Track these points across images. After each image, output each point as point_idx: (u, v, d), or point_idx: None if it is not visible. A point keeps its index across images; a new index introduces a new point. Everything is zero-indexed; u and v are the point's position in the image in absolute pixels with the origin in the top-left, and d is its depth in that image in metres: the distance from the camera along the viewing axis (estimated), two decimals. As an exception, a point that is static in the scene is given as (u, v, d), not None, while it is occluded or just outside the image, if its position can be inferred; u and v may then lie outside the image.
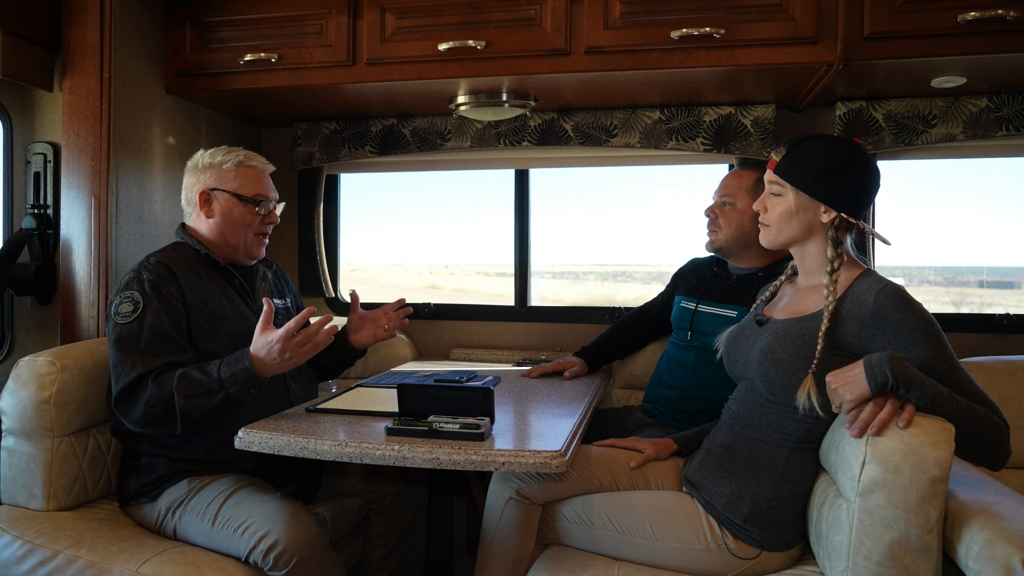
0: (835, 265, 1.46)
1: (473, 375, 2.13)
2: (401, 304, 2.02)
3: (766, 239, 1.57)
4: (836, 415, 1.42)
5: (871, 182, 1.48)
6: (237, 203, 1.82)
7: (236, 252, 1.85)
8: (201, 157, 1.86)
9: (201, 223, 1.84)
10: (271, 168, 1.93)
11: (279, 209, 1.92)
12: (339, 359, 2.03)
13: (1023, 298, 2.59)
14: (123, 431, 1.74)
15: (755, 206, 1.59)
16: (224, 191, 1.82)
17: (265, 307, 1.61)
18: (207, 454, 1.71)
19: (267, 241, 1.91)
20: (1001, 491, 1.41)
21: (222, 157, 1.84)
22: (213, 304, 1.75)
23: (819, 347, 1.40)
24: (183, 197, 1.89)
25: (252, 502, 1.61)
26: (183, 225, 1.89)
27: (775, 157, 1.53)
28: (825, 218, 1.47)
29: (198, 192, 1.83)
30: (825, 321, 1.41)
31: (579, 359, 2.28)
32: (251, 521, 1.56)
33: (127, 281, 1.71)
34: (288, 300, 2.02)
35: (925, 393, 1.27)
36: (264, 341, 1.58)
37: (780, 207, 1.51)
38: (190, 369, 1.61)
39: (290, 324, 1.57)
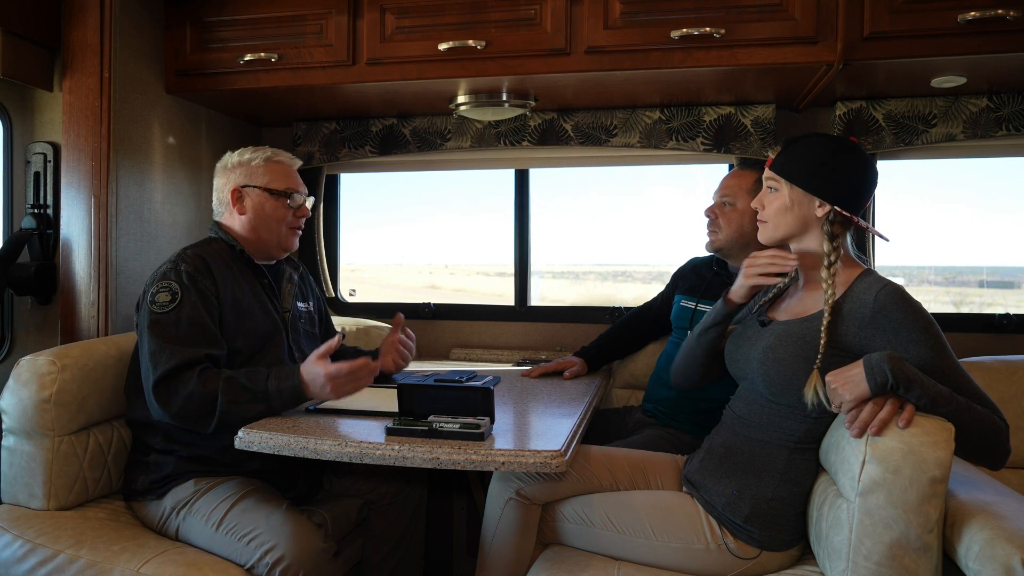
0: (832, 259, 1.46)
1: (473, 375, 2.13)
2: (400, 323, 2.05)
3: (764, 236, 1.58)
4: (836, 415, 1.42)
5: (865, 176, 1.49)
6: (268, 198, 1.85)
7: (270, 247, 1.88)
8: (229, 157, 1.90)
9: (234, 220, 1.86)
10: (299, 163, 1.96)
11: (309, 203, 1.95)
12: None
13: (1023, 298, 2.59)
14: (139, 421, 1.75)
15: (753, 204, 1.60)
16: (255, 187, 1.85)
17: (332, 341, 1.63)
18: (218, 453, 1.71)
19: (300, 233, 1.93)
20: (1001, 491, 1.42)
21: (250, 155, 1.88)
22: (243, 301, 1.77)
23: (822, 341, 1.40)
24: (215, 198, 1.91)
25: (259, 512, 1.61)
26: (216, 222, 1.90)
27: (771, 155, 1.55)
28: (820, 212, 1.48)
29: (229, 190, 1.85)
30: (826, 315, 1.41)
31: (579, 359, 2.28)
32: (257, 532, 1.56)
33: (164, 271, 1.71)
34: (311, 304, 2.03)
35: (925, 393, 1.27)
36: (315, 371, 1.60)
37: (776, 202, 1.53)
38: (237, 374, 1.61)
39: (340, 367, 1.59)
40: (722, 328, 1.67)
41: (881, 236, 1.54)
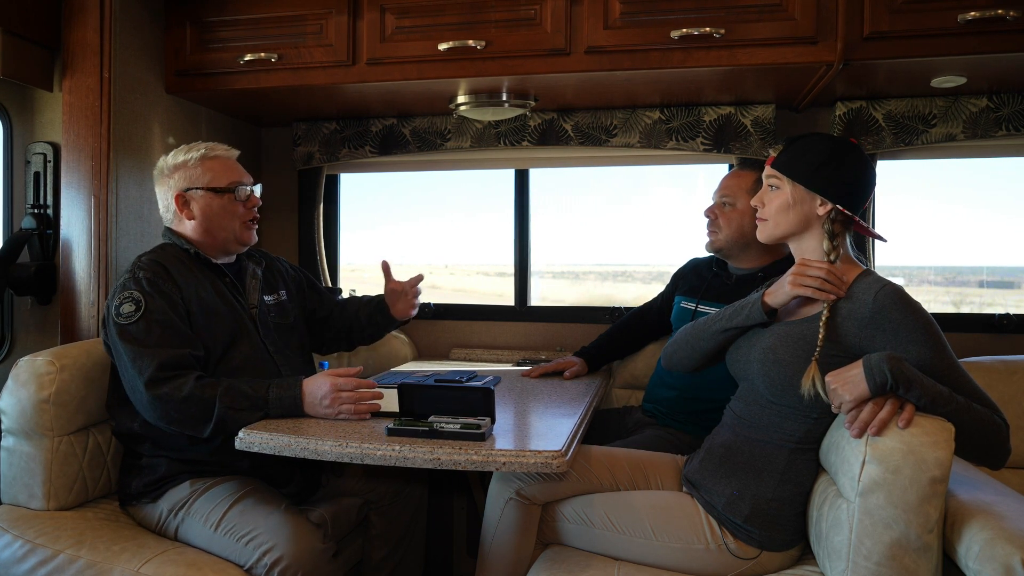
0: (831, 258, 1.46)
1: (473, 375, 2.13)
2: (419, 279, 2.11)
3: (763, 234, 1.58)
4: (836, 415, 1.42)
5: (866, 176, 1.50)
6: (214, 197, 1.80)
7: (228, 244, 1.84)
8: (164, 162, 1.84)
9: (184, 226, 1.82)
10: (236, 153, 1.89)
11: (258, 191, 1.89)
12: (381, 328, 2.14)
13: (1023, 298, 2.59)
14: (125, 432, 1.74)
15: (753, 202, 1.59)
16: (198, 188, 1.79)
17: (352, 370, 1.63)
18: (210, 455, 1.70)
19: (256, 225, 1.88)
20: (1001, 491, 1.42)
21: (184, 156, 1.81)
22: (208, 301, 1.74)
23: (820, 335, 1.41)
24: (160, 205, 1.86)
25: (257, 512, 1.61)
26: (168, 228, 1.85)
27: (773, 153, 1.55)
28: (821, 211, 1.48)
29: (173, 197, 1.80)
30: (824, 312, 1.41)
31: (579, 359, 2.28)
32: (256, 533, 1.56)
33: (123, 282, 1.68)
34: (282, 294, 1.98)
35: (924, 393, 1.27)
36: (319, 382, 1.60)
37: (777, 200, 1.52)
38: (239, 381, 1.61)
39: (349, 380, 1.60)
40: (747, 331, 1.60)
41: (879, 237, 1.54)
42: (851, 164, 1.47)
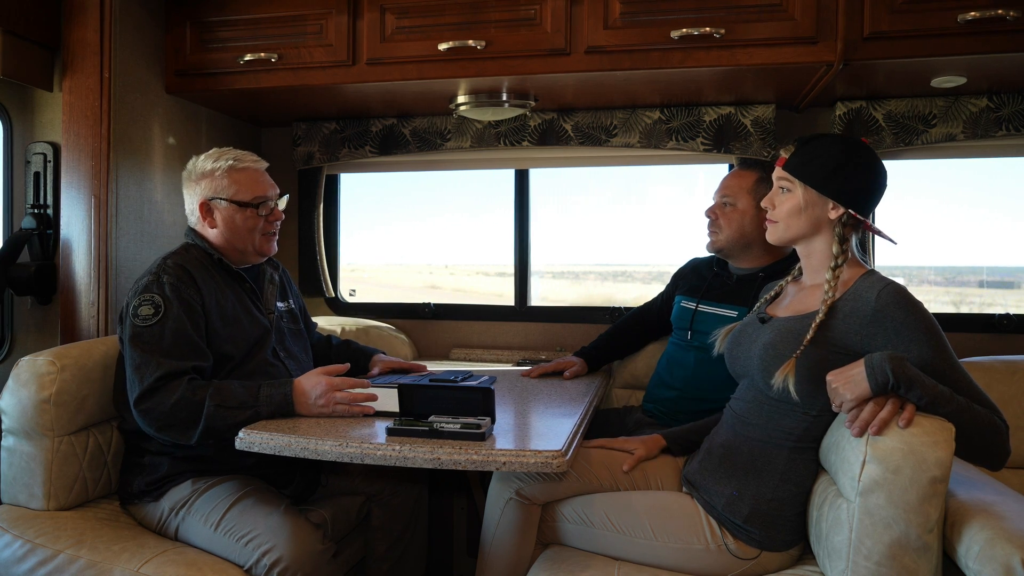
0: (839, 262, 1.46)
1: (469, 375, 2.13)
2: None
3: (774, 236, 1.57)
4: (835, 413, 1.42)
5: (879, 180, 1.49)
6: (237, 209, 1.80)
7: (247, 255, 1.86)
8: (193, 166, 1.84)
9: (207, 232, 1.83)
10: (264, 164, 1.90)
11: (282, 203, 1.91)
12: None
13: (1023, 298, 2.59)
14: (131, 429, 1.74)
15: (763, 203, 1.59)
16: (222, 199, 1.80)
17: (341, 367, 1.69)
18: (214, 452, 1.70)
19: (276, 237, 1.90)
20: (1001, 491, 1.42)
21: (212, 164, 1.81)
22: (227, 307, 1.75)
23: (808, 336, 1.41)
24: (186, 206, 1.88)
25: (257, 512, 1.61)
26: (192, 229, 1.87)
27: (784, 154, 1.54)
28: (833, 214, 1.48)
29: (198, 204, 1.82)
30: (820, 314, 1.41)
31: (579, 359, 2.28)
32: (255, 533, 1.56)
33: (146, 283, 1.68)
34: (291, 302, 2.02)
35: (925, 393, 1.27)
36: (315, 380, 1.62)
37: (789, 203, 1.52)
38: (229, 381, 1.62)
39: (346, 379, 1.65)
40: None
41: (889, 239, 1.54)
42: (864, 168, 1.47)
